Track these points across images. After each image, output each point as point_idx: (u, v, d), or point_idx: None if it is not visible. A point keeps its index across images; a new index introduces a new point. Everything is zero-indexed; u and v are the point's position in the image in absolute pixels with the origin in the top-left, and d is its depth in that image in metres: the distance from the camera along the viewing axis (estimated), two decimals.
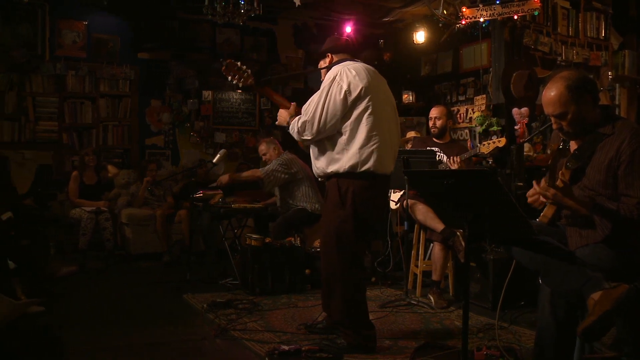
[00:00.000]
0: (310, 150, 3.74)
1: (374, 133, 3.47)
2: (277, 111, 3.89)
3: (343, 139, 3.49)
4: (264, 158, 6.31)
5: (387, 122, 3.60)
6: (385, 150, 3.54)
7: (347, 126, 3.47)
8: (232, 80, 3.87)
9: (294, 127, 3.61)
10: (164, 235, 6.94)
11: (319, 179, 3.81)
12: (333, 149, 3.53)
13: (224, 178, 6.08)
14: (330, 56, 3.79)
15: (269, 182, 5.93)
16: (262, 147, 6.30)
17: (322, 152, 3.60)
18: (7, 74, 7.26)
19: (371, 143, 3.46)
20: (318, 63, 3.91)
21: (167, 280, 5.78)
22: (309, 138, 3.56)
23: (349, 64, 3.59)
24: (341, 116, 3.46)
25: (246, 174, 6.22)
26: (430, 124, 5.54)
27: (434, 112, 5.51)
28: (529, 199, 2.79)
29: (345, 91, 3.44)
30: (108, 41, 7.90)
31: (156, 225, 6.95)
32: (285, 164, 5.93)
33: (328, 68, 3.72)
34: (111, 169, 7.14)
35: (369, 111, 3.47)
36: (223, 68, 3.87)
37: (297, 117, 3.61)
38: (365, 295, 3.68)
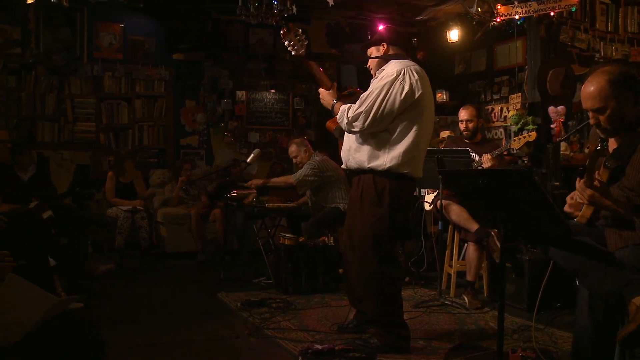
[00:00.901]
0: (346, 139, 3.70)
1: (420, 140, 3.49)
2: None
3: (388, 137, 3.47)
4: (294, 160, 6.30)
5: (429, 131, 3.64)
6: (422, 158, 3.60)
7: (397, 127, 3.46)
8: (287, 46, 3.80)
9: (343, 116, 3.54)
10: (199, 234, 7.01)
11: (349, 171, 3.78)
12: (376, 145, 3.50)
13: (257, 181, 6.15)
14: (385, 46, 3.68)
15: (301, 187, 5.97)
16: (293, 149, 6.29)
17: (364, 145, 3.56)
18: (48, 76, 7.43)
19: (415, 149, 3.48)
20: (368, 49, 3.79)
21: (202, 278, 5.85)
22: (358, 130, 3.51)
23: (411, 65, 3.53)
24: (395, 116, 3.45)
25: (279, 180, 6.25)
26: (462, 127, 5.45)
27: (464, 115, 5.40)
28: (568, 208, 2.73)
29: (406, 92, 3.41)
30: (143, 43, 8.02)
31: (191, 224, 7.03)
32: (317, 167, 5.92)
33: (384, 59, 3.66)
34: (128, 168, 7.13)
35: (421, 118, 3.48)
36: (284, 30, 3.80)
37: (349, 106, 3.54)
38: (400, 294, 3.66)
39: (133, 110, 7.93)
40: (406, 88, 3.41)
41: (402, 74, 3.45)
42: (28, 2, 6.27)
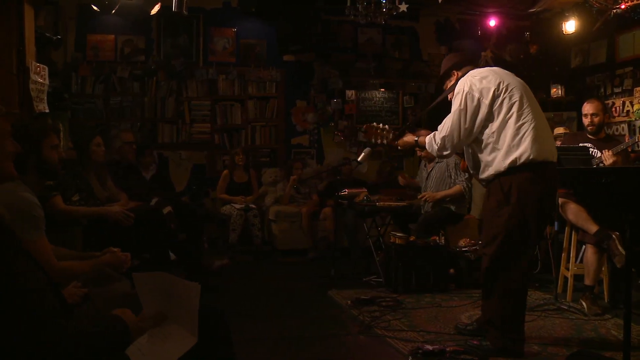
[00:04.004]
0: (465, 155, 3.77)
1: (522, 123, 3.40)
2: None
3: (492, 140, 3.45)
4: (419, 153, 6.09)
5: (535, 110, 3.49)
6: (541, 136, 3.42)
7: (493, 127, 3.44)
8: (374, 142, 4.05)
9: (432, 145, 3.65)
10: (310, 231, 7.13)
11: (482, 184, 3.79)
12: (485, 153, 3.50)
13: (433, 195, 5.97)
14: (455, 73, 3.80)
15: (467, 193, 5.94)
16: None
17: (474, 158, 3.61)
18: (168, 81, 7.85)
19: (521, 134, 3.38)
20: (443, 85, 3.92)
21: (312, 275, 5.96)
22: (449, 153, 3.65)
23: (472, 72, 3.59)
24: (479, 123, 3.46)
25: (451, 191, 5.98)
26: (586, 121, 5.16)
27: (590, 109, 5.12)
28: None
29: (478, 98, 3.45)
30: (255, 46, 8.27)
31: (302, 222, 7.16)
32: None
33: (454, 86, 3.71)
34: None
35: (509, 105, 3.42)
36: (362, 135, 4.00)
37: (433, 134, 3.64)
38: (521, 299, 3.53)
39: (246, 111, 8.20)
40: (476, 95, 3.45)
41: (464, 85, 3.50)
42: (152, 13, 6.66)
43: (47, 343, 1.51)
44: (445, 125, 3.56)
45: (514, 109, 3.41)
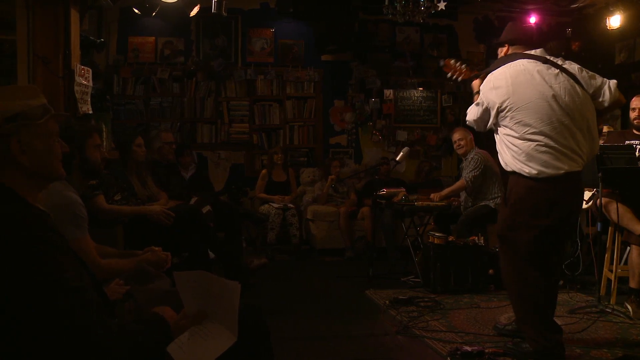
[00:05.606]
0: None
1: (534, 137, 3.27)
2: (463, 108, 3.90)
3: (504, 139, 3.43)
4: (457, 143, 6.18)
5: (556, 120, 3.27)
6: (551, 151, 3.26)
7: (503, 131, 3.42)
8: (451, 76, 3.94)
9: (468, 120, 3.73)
10: (347, 231, 7.13)
11: None
12: (501, 149, 3.49)
13: (438, 194, 6.06)
14: (507, 47, 3.67)
15: (471, 187, 5.94)
16: (458, 135, 6.15)
17: (498, 149, 3.59)
18: (207, 82, 7.95)
19: (524, 149, 3.29)
20: (497, 52, 3.82)
21: (350, 275, 5.95)
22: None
23: (490, 76, 3.49)
24: (490, 123, 3.47)
25: (455, 187, 6.15)
26: (634, 115, 5.06)
27: (638, 103, 5.04)
28: None
29: (486, 106, 3.44)
30: (293, 46, 8.31)
31: (339, 222, 7.17)
32: (482, 164, 5.88)
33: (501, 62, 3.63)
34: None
35: (512, 123, 3.34)
36: (442, 66, 3.98)
37: (470, 108, 3.65)
38: (546, 297, 3.41)
39: (284, 111, 8.24)
40: (485, 102, 3.44)
41: (484, 85, 3.49)
42: (191, 15, 6.76)
43: (91, 340, 1.55)
44: (471, 112, 3.60)
45: (518, 128, 3.32)
